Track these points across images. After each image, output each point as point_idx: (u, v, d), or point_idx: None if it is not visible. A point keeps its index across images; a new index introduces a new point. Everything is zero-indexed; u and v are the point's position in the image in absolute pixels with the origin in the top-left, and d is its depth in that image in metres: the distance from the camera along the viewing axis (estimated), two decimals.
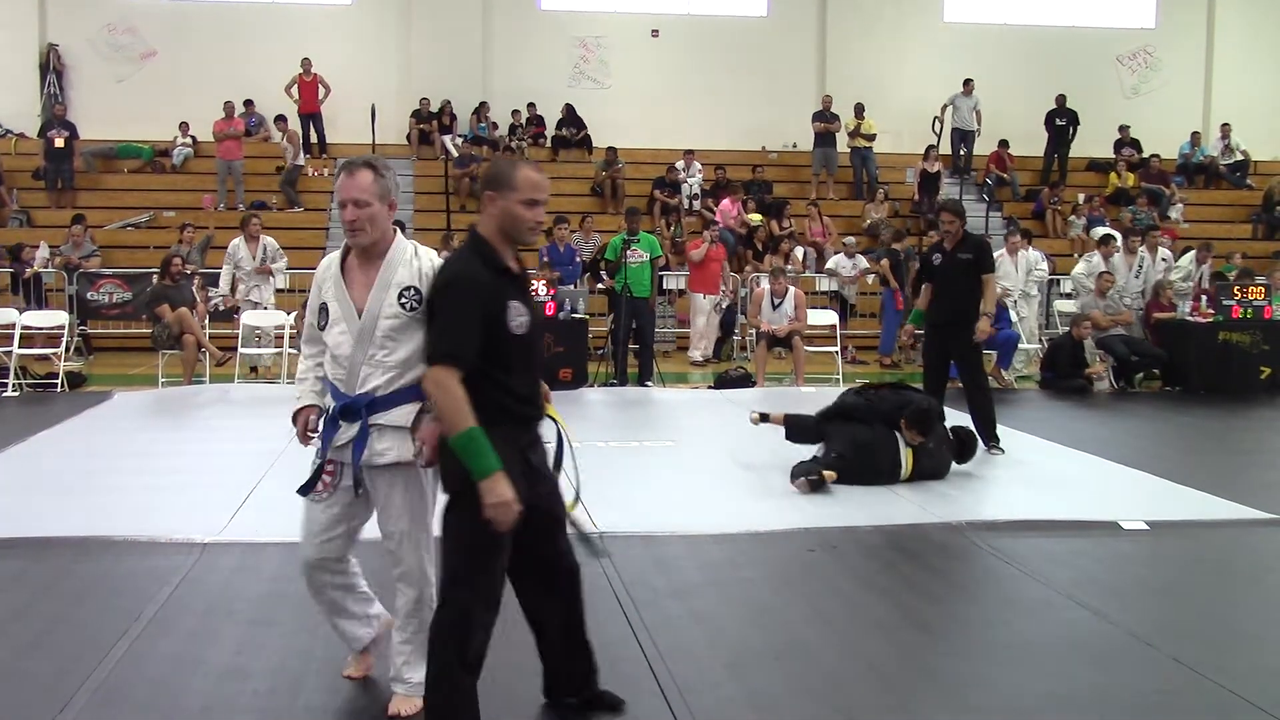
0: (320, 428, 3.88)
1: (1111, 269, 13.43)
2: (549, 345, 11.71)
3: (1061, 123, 20.47)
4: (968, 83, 19.70)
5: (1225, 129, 21.46)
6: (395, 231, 3.82)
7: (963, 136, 19.90)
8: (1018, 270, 13.48)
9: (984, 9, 21.85)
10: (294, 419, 3.96)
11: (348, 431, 3.76)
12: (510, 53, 20.53)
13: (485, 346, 3.41)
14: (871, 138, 19.67)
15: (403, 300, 3.70)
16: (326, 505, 3.86)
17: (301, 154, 18.96)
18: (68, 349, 12.70)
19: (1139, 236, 14.22)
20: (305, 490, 3.87)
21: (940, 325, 8.68)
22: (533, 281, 11.95)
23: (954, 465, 7.73)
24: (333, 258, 3.89)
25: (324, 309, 3.82)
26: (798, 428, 7.85)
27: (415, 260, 3.77)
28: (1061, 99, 20.40)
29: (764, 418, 8.14)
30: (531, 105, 20.42)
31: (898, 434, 7.42)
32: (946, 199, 14.01)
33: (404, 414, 3.73)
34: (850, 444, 7.40)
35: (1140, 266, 13.69)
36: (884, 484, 7.33)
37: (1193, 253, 15.16)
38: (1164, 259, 14.16)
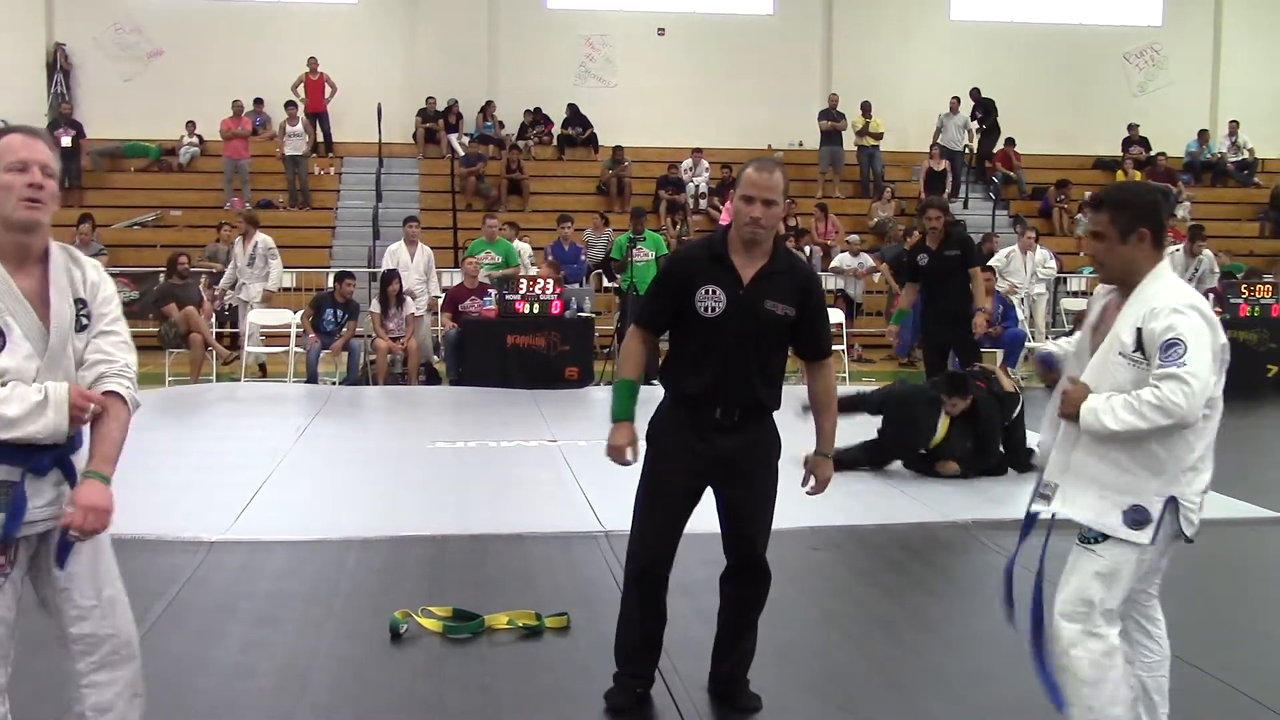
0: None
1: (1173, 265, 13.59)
2: (554, 344, 11.70)
3: (979, 114, 20.17)
4: (954, 101, 19.61)
5: (1232, 127, 21.39)
6: None
7: (949, 156, 19.40)
8: (1026, 269, 13.45)
9: (990, 7, 21.79)
10: None
11: (45, 492, 2.87)
12: (516, 51, 20.52)
13: (679, 320, 3.73)
14: (878, 136, 19.62)
15: (81, 317, 2.89)
16: None
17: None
18: None
19: (1200, 239, 14.26)
20: None
21: (938, 327, 8.72)
22: (538, 279, 12.03)
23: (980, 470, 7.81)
24: None
25: None
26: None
27: (74, 268, 2.91)
28: (975, 92, 20.11)
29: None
30: (539, 109, 20.41)
31: (942, 401, 7.66)
32: (932, 196, 14.01)
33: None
34: (892, 400, 7.82)
35: (1196, 269, 13.74)
36: (920, 444, 7.62)
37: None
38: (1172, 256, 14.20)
